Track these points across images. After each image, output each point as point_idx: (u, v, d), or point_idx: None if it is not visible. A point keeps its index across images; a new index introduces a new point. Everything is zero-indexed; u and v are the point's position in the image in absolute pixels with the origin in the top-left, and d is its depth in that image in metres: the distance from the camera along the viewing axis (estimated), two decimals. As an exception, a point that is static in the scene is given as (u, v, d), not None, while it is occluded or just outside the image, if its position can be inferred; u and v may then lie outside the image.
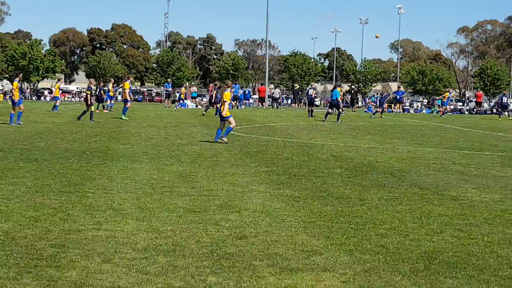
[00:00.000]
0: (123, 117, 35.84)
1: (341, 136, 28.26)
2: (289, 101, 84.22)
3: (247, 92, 69.62)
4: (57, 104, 45.75)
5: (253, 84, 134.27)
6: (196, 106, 66.00)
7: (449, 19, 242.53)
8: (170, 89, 65.56)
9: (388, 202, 11.90)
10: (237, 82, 66.48)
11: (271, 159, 18.32)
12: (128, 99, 37.96)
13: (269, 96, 73.47)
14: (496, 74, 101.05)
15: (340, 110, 41.69)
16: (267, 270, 7.32)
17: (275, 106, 67.24)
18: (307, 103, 53.23)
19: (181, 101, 56.36)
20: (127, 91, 38.34)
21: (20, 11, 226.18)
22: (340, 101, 42.23)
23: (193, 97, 71.95)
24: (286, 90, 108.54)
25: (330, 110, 42.57)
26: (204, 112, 44.60)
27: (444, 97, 60.01)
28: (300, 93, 74.44)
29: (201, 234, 8.95)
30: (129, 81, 41.19)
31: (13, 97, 30.30)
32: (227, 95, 22.72)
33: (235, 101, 65.14)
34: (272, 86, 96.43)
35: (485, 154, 21.77)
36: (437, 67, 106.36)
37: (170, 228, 9.25)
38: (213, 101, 43.22)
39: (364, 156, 19.88)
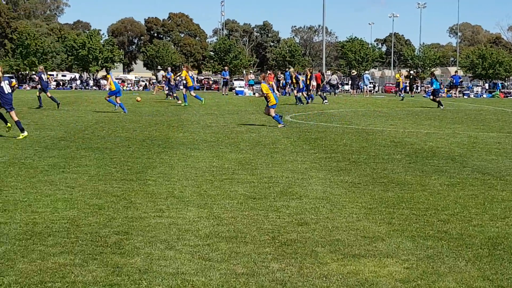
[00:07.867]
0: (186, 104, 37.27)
1: (401, 121, 28.01)
2: (347, 87, 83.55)
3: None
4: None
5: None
6: (254, 93, 66.05)
7: (510, 1, 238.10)
8: (227, 77, 65.79)
9: (450, 187, 11.77)
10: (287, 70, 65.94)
11: (330, 145, 18.25)
12: (192, 86, 38.37)
13: (326, 83, 73.04)
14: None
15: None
16: (329, 256, 7.31)
17: (333, 92, 66.84)
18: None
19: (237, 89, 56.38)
20: (189, 78, 38.25)
21: (79, 2, 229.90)
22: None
23: (250, 85, 72.00)
24: (343, 76, 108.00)
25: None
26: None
27: None
28: (357, 79, 73.94)
29: (262, 220, 8.98)
30: (185, 69, 40.67)
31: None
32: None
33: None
34: (329, 72, 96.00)
35: (549, 138, 21.34)
36: (497, 51, 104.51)
37: (231, 215, 9.31)
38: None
39: (424, 141, 19.67)
